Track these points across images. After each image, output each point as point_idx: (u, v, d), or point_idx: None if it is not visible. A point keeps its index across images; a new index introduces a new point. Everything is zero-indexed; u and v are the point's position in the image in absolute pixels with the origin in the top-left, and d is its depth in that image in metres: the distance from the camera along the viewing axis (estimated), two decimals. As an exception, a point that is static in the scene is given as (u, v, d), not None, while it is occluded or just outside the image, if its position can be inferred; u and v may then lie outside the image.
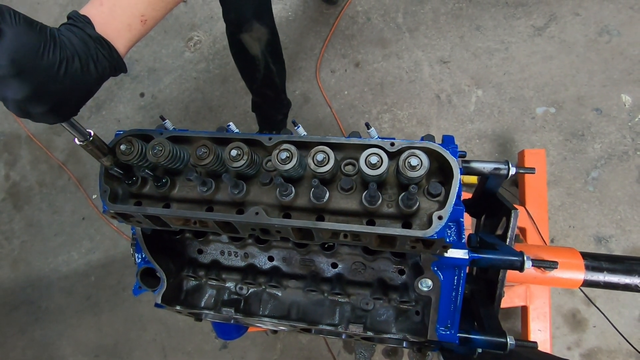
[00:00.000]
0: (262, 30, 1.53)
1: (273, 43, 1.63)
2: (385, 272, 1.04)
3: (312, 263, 1.08)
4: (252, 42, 1.55)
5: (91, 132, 0.77)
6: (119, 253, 2.53)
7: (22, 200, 2.72)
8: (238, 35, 1.53)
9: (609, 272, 1.15)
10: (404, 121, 2.31)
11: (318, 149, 0.75)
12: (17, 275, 2.64)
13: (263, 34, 1.54)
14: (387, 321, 1.04)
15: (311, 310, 1.08)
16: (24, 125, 2.77)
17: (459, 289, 0.92)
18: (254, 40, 1.55)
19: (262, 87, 1.84)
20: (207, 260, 1.14)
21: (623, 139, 2.06)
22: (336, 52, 2.45)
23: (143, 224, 0.91)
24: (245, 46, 1.57)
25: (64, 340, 2.52)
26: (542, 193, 1.93)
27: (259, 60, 1.64)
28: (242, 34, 1.52)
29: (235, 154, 0.78)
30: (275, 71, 1.74)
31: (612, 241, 2.00)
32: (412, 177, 0.73)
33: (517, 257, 0.92)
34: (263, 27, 1.52)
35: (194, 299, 1.13)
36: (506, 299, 1.78)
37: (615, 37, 2.14)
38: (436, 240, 0.76)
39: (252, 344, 2.26)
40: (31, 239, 2.66)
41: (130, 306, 2.46)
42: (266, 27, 1.54)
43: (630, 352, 1.90)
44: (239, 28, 1.51)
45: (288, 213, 0.81)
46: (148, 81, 2.67)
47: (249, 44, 1.57)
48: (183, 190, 0.86)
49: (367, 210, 0.78)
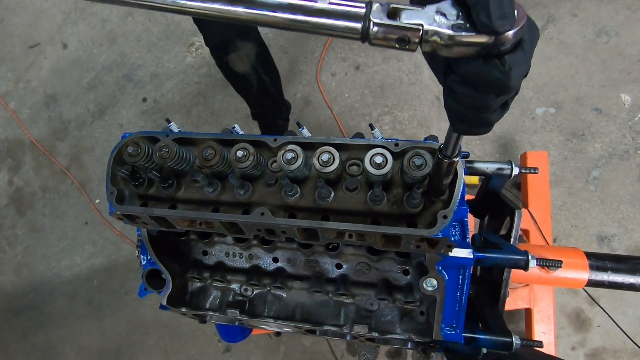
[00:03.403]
0: (248, 46, 1.49)
1: (262, 54, 1.59)
2: (390, 272, 1.04)
3: (316, 264, 1.08)
4: (240, 60, 1.51)
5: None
6: (122, 257, 2.54)
7: (26, 206, 2.73)
8: (225, 57, 1.49)
9: (614, 272, 1.15)
10: (404, 123, 2.32)
11: (323, 149, 0.76)
12: (20, 280, 2.64)
13: (251, 49, 1.50)
14: (392, 322, 1.04)
15: (316, 311, 1.08)
16: (27, 131, 2.79)
17: (464, 289, 0.92)
18: (241, 58, 1.51)
19: (258, 99, 1.82)
20: (212, 262, 1.14)
21: (623, 138, 2.07)
22: (336, 55, 2.46)
23: (149, 225, 0.91)
24: (234, 67, 1.54)
25: (66, 345, 2.51)
26: (544, 195, 1.93)
27: (250, 76, 1.61)
28: (229, 55, 1.48)
29: (241, 155, 0.79)
30: (268, 81, 1.72)
31: (615, 240, 2.00)
32: (417, 177, 0.74)
33: (522, 256, 0.93)
34: (249, 42, 1.48)
35: (199, 300, 1.13)
36: (510, 302, 1.78)
37: (614, 38, 2.16)
38: (441, 239, 0.77)
39: (256, 346, 2.26)
40: (34, 244, 2.67)
41: (133, 310, 2.45)
42: (252, 41, 1.50)
43: (635, 351, 1.89)
44: (224, 51, 1.47)
45: (293, 213, 0.82)
46: (150, 86, 2.69)
47: (237, 64, 1.53)
48: (189, 191, 0.87)
49: (372, 210, 0.79)
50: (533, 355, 1.07)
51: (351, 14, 0.45)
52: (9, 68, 2.90)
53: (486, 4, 0.39)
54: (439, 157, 0.65)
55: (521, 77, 0.45)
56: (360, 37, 0.46)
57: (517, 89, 0.47)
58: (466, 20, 0.42)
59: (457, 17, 0.43)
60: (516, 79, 0.44)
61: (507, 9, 0.40)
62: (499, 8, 0.39)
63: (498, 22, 0.39)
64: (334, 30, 0.46)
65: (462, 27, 0.42)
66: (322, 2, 0.46)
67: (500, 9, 0.39)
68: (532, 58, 0.46)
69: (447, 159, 0.64)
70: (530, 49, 0.45)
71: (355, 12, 0.45)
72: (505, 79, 0.44)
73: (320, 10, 0.46)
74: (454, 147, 0.62)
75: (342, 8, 0.45)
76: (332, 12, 0.45)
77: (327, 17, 0.46)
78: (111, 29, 2.80)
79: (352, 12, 0.45)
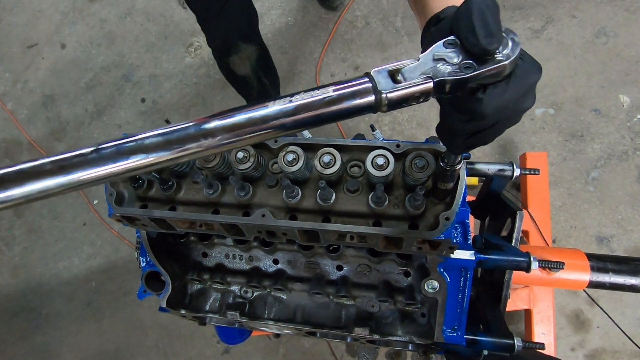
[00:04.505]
0: (250, 48, 1.49)
1: (263, 57, 1.60)
2: (391, 274, 1.04)
3: (317, 265, 1.08)
4: (241, 62, 1.52)
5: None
6: (120, 258, 2.52)
7: (23, 207, 2.71)
8: (226, 59, 1.50)
9: (615, 273, 1.15)
10: (404, 124, 2.32)
11: (324, 150, 0.76)
12: (18, 282, 2.62)
13: (252, 52, 1.51)
14: (393, 324, 1.03)
15: (316, 313, 1.07)
16: (25, 132, 2.77)
17: (466, 291, 0.92)
18: (243, 61, 1.51)
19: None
20: (211, 264, 1.13)
21: (622, 139, 2.08)
22: (336, 56, 2.46)
23: (148, 227, 0.91)
24: (235, 69, 1.54)
25: (64, 346, 2.50)
26: (544, 196, 1.93)
27: (251, 78, 1.62)
28: (230, 57, 1.48)
29: (241, 156, 0.79)
30: (268, 84, 1.73)
31: (614, 241, 2.00)
32: (419, 178, 0.74)
33: (524, 257, 0.93)
34: (251, 45, 1.49)
35: (198, 302, 1.13)
36: (509, 303, 1.76)
37: (612, 39, 2.16)
38: (443, 241, 0.76)
39: (255, 348, 2.25)
40: (32, 245, 2.65)
41: (132, 312, 2.44)
42: (254, 44, 1.50)
43: (634, 352, 1.89)
44: (226, 52, 1.47)
45: (294, 215, 0.81)
46: (149, 86, 2.68)
47: (238, 66, 1.53)
48: (189, 193, 0.86)
49: (374, 211, 0.78)
50: (533, 357, 1.07)
51: (360, 91, 0.44)
52: (6, 68, 2.88)
53: (471, 26, 0.42)
54: (442, 165, 0.66)
55: (500, 109, 0.46)
56: (372, 110, 0.45)
57: (492, 118, 0.47)
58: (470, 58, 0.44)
59: (457, 60, 0.44)
60: (491, 108, 0.45)
61: (493, 28, 0.42)
62: (484, 28, 0.42)
63: (485, 41, 0.42)
64: (348, 113, 0.45)
65: (470, 67, 0.43)
66: (326, 93, 0.44)
67: (486, 29, 0.42)
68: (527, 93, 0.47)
69: (450, 167, 0.65)
70: (518, 83, 0.45)
71: (363, 89, 0.44)
72: (476, 107, 0.45)
73: (329, 101, 0.44)
74: (454, 158, 0.64)
75: (349, 90, 0.44)
76: (341, 99, 0.44)
77: (338, 104, 0.44)
78: (110, 29, 2.79)
79: (361, 89, 0.44)
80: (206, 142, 0.44)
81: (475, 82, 0.44)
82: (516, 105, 0.47)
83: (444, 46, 0.45)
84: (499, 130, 0.50)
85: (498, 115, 0.47)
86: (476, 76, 0.43)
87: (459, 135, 0.51)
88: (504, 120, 0.48)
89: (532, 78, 0.46)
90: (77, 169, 0.42)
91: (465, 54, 0.44)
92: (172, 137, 0.44)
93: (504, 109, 0.46)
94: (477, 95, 0.45)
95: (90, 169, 0.42)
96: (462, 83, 0.44)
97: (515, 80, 0.45)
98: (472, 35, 0.42)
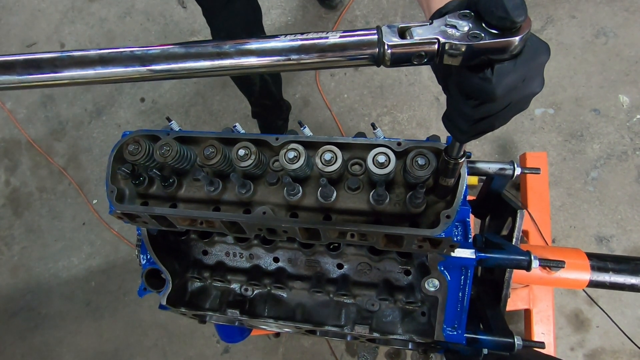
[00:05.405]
0: None
1: None
2: (391, 272, 1.04)
3: (317, 264, 1.08)
4: None
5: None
6: (120, 258, 2.52)
7: (22, 206, 2.70)
8: None
9: (615, 273, 1.15)
10: (403, 123, 2.32)
11: (326, 148, 0.76)
12: (17, 282, 2.62)
13: None
14: (393, 322, 1.03)
15: (317, 311, 1.07)
16: (24, 131, 2.77)
17: (466, 289, 0.92)
18: None
19: (260, 98, 1.86)
20: (212, 262, 1.13)
21: (622, 139, 2.08)
22: (336, 55, 2.46)
23: (149, 225, 0.91)
24: None
25: (64, 346, 2.49)
26: (544, 196, 1.93)
27: (253, 75, 1.64)
28: None
29: (242, 154, 0.78)
30: (270, 81, 1.75)
31: (613, 241, 2.00)
32: (420, 176, 0.74)
33: (525, 256, 0.93)
34: None
35: (198, 300, 1.12)
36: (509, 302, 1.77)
37: (612, 39, 2.17)
38: (443, 239, 0.76)
39: (254, 347, 2.24)
40: (31, 245, 2.64)
41: (131, 312, 2.43)
42: None
43: (634, 351, 1.89)
44: None
45: (295, 213, 0.81)
46: (148, 86, 2.67)
47: None
48: (190, 190, 0.86)
49: (375, 209, 0.78)
50: (533, 356, 1.07)
51: (365, 42, 0.45)
52: (6, 67, 2.87)
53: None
54: (445, 158, 0.66)
55: (509, 89, 0.45)
56: (375, 62, 0.46)
57: (502, 100, 0.47)
58: (481, 30, 0.43)
59: (467, 28, 0.44)
60: (501, 88, 0.45)
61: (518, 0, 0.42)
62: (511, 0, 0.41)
63: (514, 12, 0.41)
64: (350, 61, 0.46)
65: (477, 36, 0.43)
66: (333, 36, 0.46)
67: (513, 1, 0.41)
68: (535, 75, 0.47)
69: (453, 159, 0.65)
70: (526, 62, 0.45)
71: (368, 39, 0.45)
72: (485, 86, 0.45)
73: (334, 44, 0.45)
74: (459, 149, 0.63)
75: (354, 39, 0.45)
76: (345, 45, 0.45)
77: (341, 50, 0.45)
78: (109, 28, 2.79)
79: (366, 40, 0.45)
80: (220, 62, 0.48)
81: (482, 55, 0.44)
82: (525, 88, 0.47)
83: (458, 17, 0.45)
84: (507, 115, 0.49)
85: (508, 96, 0.46)
86: (484, 46, 0.43)
87: (467, 120, 0.51)
88: (514, 104, 0.48)
89: (541, 58, 0.46)
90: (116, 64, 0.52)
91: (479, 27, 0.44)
92: (191, 51, 0.48)
93: (514, 90, 0.46)
94: (485, 74, 0.44)
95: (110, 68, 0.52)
96: (469, 51, 0.43)
97: (523, 58, 0.44)
98: (500, 8, 0.41)
